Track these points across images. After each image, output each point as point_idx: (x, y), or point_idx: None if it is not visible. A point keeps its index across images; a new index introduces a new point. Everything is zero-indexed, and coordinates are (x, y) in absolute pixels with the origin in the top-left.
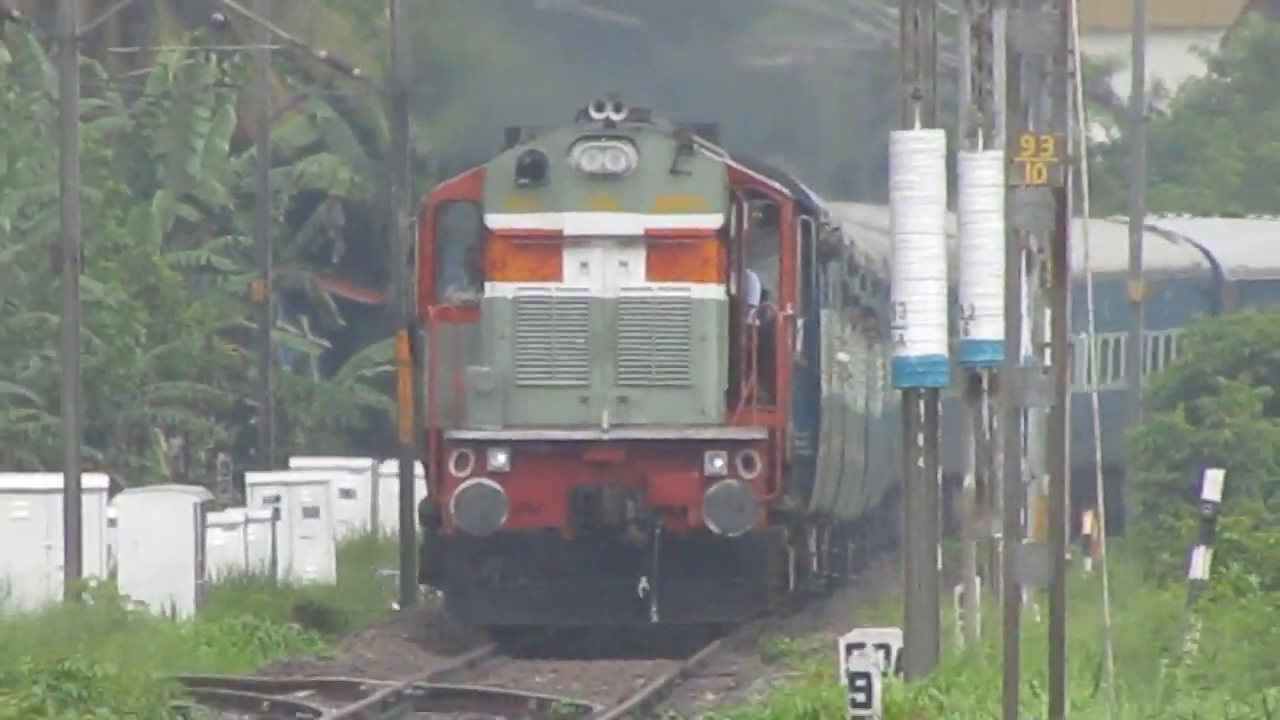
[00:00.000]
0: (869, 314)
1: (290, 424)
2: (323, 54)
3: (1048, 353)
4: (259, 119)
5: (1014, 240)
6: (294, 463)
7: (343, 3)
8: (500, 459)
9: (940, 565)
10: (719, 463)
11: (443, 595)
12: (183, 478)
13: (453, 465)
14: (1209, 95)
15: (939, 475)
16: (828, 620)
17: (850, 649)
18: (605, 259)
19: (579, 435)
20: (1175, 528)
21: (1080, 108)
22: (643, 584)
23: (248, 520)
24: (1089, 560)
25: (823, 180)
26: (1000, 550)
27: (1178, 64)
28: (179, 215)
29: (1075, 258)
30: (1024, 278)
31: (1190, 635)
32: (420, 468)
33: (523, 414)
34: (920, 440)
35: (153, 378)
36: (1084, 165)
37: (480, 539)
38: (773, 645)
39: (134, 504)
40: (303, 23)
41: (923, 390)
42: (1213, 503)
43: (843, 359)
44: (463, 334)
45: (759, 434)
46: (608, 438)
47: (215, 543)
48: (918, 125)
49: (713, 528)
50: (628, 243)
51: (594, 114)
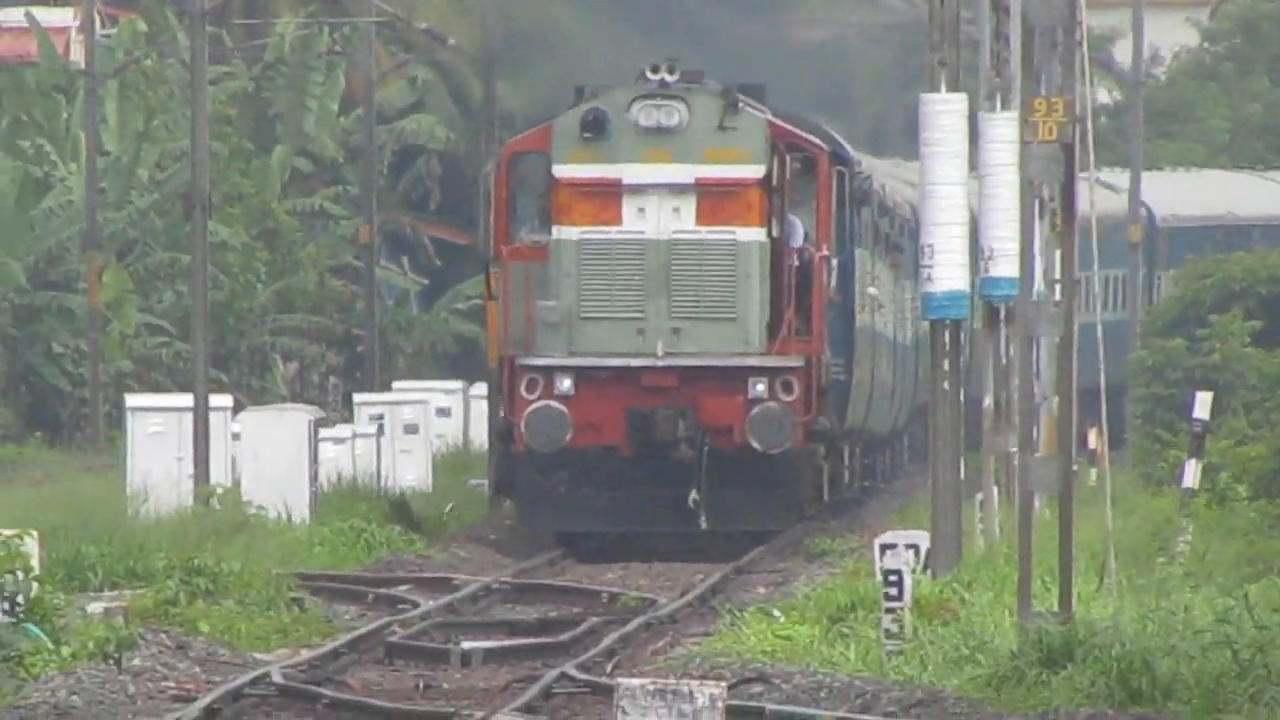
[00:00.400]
0: (898, 250)
1: (392, 351)
2: (422, 25)
3: (1058, 288)
4: (365, 83)
5: (1028, 190)
6: (396, 385)
7: None
8: (566, 384)
9: (963, 476)
10: (761, 387)
11: (514, 505)
12: (298, 398)
13: (523, 389)
14: (1200, 62)
15: (962, 397)
16: (863, 524)
17: (884, 549)
18: (660, 205)
19: (636, 362)
20: (1171, 441)
21: (1086, 73)
22: (693, 495)
23: (355, 435)
24: (1094, 471)
25: (860, 137)
26: (1015, 463)
27: (1173, 34)
28: (295, 167)
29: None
30: (1036, 223)
31: (1183, 537)
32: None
33: (586, 343)
34: (945, 366)
35: (271, 310)
36: (1089, 124)
37: (548, 455)
38: (815, 546)
39: (255, 421)
40: None
41: (948, 322)
42: (1202, 421)
43: (873, 293)
44: (533, 272)
45: (797, 361)
46: (661, 364)
47: (326, 455)
48: (943, 89)
49: (755, 445)
50: (680, 190)
51: (650, 75)
